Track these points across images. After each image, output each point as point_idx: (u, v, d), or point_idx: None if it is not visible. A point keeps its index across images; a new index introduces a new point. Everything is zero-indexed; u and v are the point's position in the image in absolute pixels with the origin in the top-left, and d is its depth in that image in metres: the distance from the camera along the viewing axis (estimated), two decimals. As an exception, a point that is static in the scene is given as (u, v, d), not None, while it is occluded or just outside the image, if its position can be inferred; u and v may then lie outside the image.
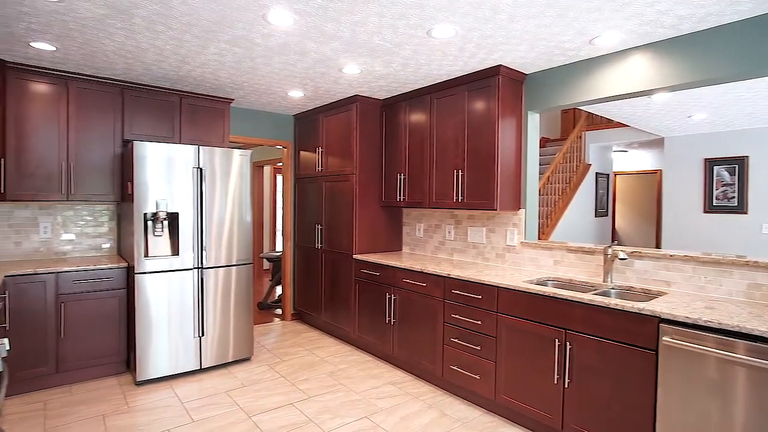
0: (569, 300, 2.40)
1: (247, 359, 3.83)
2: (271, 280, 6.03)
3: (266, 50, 2.91)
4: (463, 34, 2.61)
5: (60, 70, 3.37)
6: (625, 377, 2.19)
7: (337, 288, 4.36)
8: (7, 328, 2.92)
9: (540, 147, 7.87)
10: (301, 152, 4.96)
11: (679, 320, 2.00)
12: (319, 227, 4.60)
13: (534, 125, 3.40)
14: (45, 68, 3.31)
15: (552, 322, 2.49)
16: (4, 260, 3.47)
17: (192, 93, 3.97)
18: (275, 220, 8.17)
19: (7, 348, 1.70)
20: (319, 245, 4.60)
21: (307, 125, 4.83)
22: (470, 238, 3.76)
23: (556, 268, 3.15)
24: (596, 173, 7.23)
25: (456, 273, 3.07)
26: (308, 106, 4.56)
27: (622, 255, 2.66)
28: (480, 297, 2.88)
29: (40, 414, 2.83)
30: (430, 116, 3.71)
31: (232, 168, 3.66)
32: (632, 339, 2.16)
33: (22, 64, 3.23)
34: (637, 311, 2.13)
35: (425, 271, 3.30)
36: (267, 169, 8.07)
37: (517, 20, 2.40)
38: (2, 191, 3.19)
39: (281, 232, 5.74)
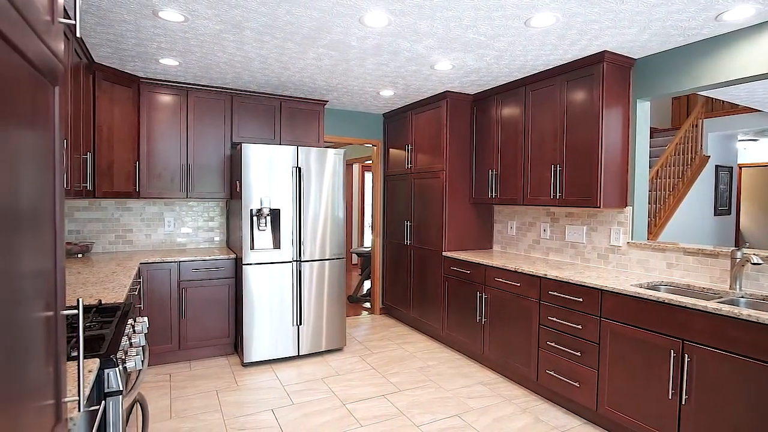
0: (689, 308, 2.16)
1: (339, 349, 4.01)
2: (360, 275, 6.23)
3: (360, 52, 3.00)
4: (564, 21, 2.46)
5: (181, 82, 3.79)
6: (763, 401, 1.92)
7: (425, 284, 4.37)
8: (142, 308, 3.37)
9: (646, 138, 7.15)
10: (391, 150, 5.05)
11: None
12: (408, 224, 4.65)
13: (644, 114, 3.10)
14: (169, 81, 3.75)
15: (667, 332, 2.26)
16: (137, 250, 4.00)
17: (290, 97, 4.23)
18: (363, 216, 8.42)
19: (147, 325, 1.96)
20: (408, 242, 4.65)
21: (397, 123, 4.90)
22: (568, 237, 3.54)
23: (669, 272, 2.85)
24: (716, 166, 6.41)
25: (553, 273, 2.92)
26: (398, 104, 4.63)
27: (755, 259, 2.32)
28: (581, 300, 2.71)
29: (167, 385, 3.22)
30: (524, 109, 3.56)
31: (326, 167, 3.84)
32: (770, 356, 1.88)
33: (152, 79, 3.69)
34: (777, 324, 1.85)
35: (520, 271, 3.18)
36: (356, 168, 8.34)
37: (628, 0, 2.20)
38: (137, 190, 3.68)
39: (370, 228, 5.90)
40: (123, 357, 1.50)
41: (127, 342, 1.67)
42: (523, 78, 3.56)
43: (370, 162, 7.56)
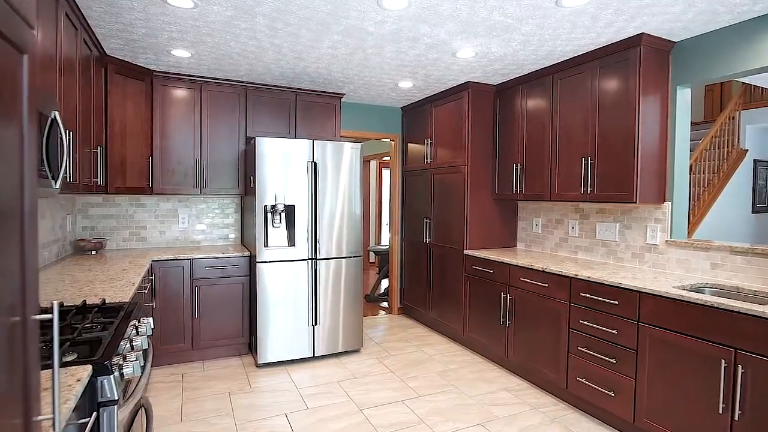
0: (743, 313, 1.94)
1: (356, 351, 3.87)
2: (377, 273, 6.08)
3: (378, 39, 2.84)
4: (599, 0, 2.26)
5: (194, 75, 3.70)
6: (828, 417, 1.70)
7: (445, 284, 4.20)
8: (154, 307, 3.29)
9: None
10: (409, 144, 4.88)
11: None
12: (427, 221, 4.48)
13: (684, 102, 2.87)
14: (182, 74, 3.66)
15: (716, 339, 2.04)
16: (151, 247, 3.93)
17: (306, 90, 4.10)
18: (380, 214, 8.28)
19: (152, 326, 1.85)
20: (427, 239, 4.48)
21: (415, 116, 4.73)
22: (599, 235, 3.32)
23: (714, 273, 2.62)
24: (754, 160, 6.05)
25: (585, 274, 2.72)
26: (416, 96, 4.46)
27: (817, 259, 2.09)
28: (616, 302, 2.50)
29: (179, 386, 3.13)
30: (551, 99, 3.35)
31: (343, 161, 3.70)
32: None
33: (165, 72, 3.60)
34: None
35: (548, 270, 2.98)
36: (373, 164, 8.19)
37: (674, -27, 1.99)
38: (150, 186, 3.60)
39: (388, 225, 5.74)
40: (121, 363, 1.38)
41: (128, 345, 1.56)
42: (550, 66, 3.35)
43: (388, 158, 7.41)
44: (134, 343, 1.59)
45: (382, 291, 6.05)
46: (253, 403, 2.89)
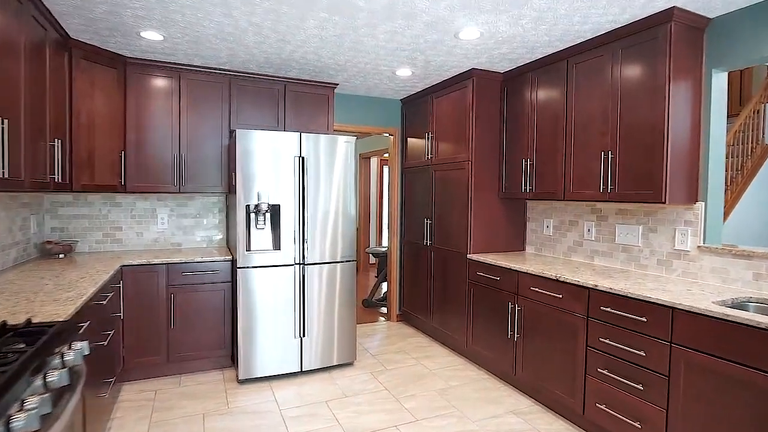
0: (807, 339, 1.59)
1: (349, 364, 3.54)
2: (377, 276, 5.75)
3: (370, 16, 2.50)
4: (628, -38, 1.90)
5: (171, 62, 3.38)
6: None
7: (447, 291, 3.86)
8: (122, 317, 2.97)
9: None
10: (409, 139, 4.54)
11: None
12: (428, 222, 4.14)
13: (720, 88, 2.51)
14: (159, 61, 3.34)
15: (771, 368, 1.69)
16: (127, 249, 3.62)
17: (296, 79, 3.77)
18: (381, 214, 7.94)
19: (85, 353, 1.53)
20: (428, 242, 4.14)
21: (416, 109, 4.39)
22: (619, 239, 2.97)
23: (757, 285, 2.26)
24: (781, 157, 5.62)
25: (606, 284, 2.36)
26: (417, 87, 4.11)
27: None
28: (644, 319, 2.15)
29: (149, 405, 2.81)
30: (566, 86, 3.00)
31: (336, 156, 3.36)
32: None
33: (139, 59, 3.29)
34: None
35: (562, 279, 2.64)
36: (374, 161, 7.85)
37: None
38: (123, 183, 3.29)
39: (387, 226, 5.40)
40: (12, 413, 1.05)
41: (40, 383, 1.24)
42: (565, 49, 2.99)
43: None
44: (49, 380, 1.26)
45: (382, 295, 5.72)
46: (229, 427, 2.56)
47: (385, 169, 7.94)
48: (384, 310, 5.28)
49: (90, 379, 1.99)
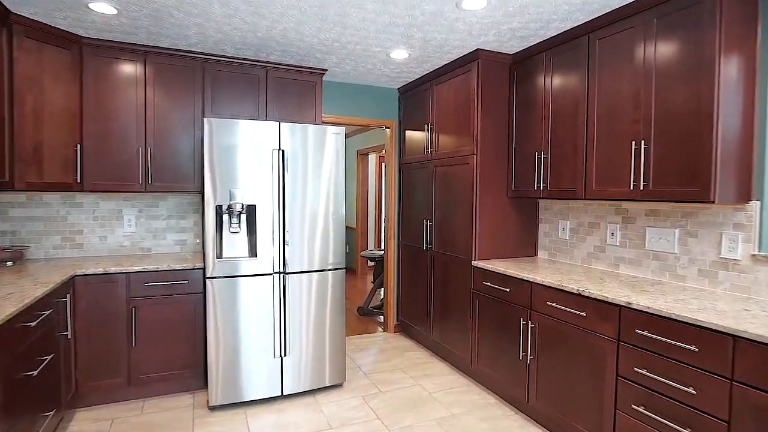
0: None
1: (338, 386, 3.12)
2: (373, 282, 5.34)
3: (355, -21, 2.08)
4: None
5: (134, 43, 2.97)
6: None
7: (449, 301, 3.44)
8: (69, 336, 2.57)
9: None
10: (407, 132, 4.12)
11: None
12: (428, 224, 3.72)
13: (778, 64, 2.07)
14: (120, 42, 2.93)
15: None
16: (89, 255, 3.22)
17: (279, 64, 3.35)
18: (380, 214, 7.52)
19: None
20: (427, 246, 3.72)
21: (414, 98, 3.96)
22: (649, 244, 2.54)
23: (832, 304, 1.83)
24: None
25: (642, 302, 1.94)
26: (415, 73, 3.68)
27: None
28: (695, 349, 1.72)
29: (102, 440, 2.42)
30: (587, 66, 2.57)
31: (324, 150, 2.95)
32: None
33: (97, 39, 2.88)
34: None
35: (585, 294, 2.21)
36: (372, 158, 7.43)
37: None
38: (79, 181, 2.88)
39: (384, 229, 4.99)
40: None
41: None
42: (586, 22, 2.56)
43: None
44: None
45: (379, 303, 5.30)
46: (189, 470, 2.16)
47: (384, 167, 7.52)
48: (381, 318, 4.86)
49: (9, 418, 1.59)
